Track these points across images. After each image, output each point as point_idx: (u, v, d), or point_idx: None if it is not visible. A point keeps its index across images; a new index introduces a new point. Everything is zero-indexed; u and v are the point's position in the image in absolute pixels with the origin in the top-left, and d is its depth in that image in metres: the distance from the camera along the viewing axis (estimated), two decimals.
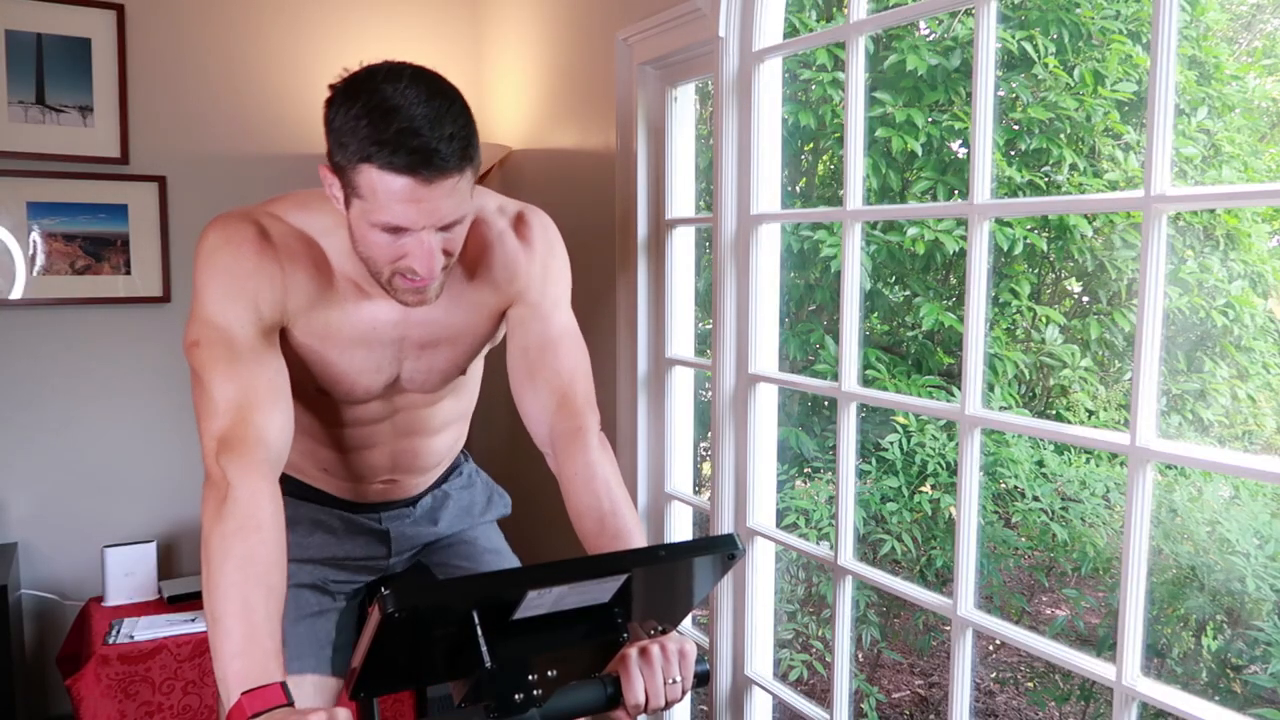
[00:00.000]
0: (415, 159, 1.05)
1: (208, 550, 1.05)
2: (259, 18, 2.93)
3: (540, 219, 1.38)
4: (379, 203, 1.09)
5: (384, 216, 1.09)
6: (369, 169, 1.07)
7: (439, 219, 1.11)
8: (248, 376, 1.16)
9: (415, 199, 1.08)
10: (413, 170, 1.06)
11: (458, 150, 1.08)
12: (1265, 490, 3.28)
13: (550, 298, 1.36)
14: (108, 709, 2.31)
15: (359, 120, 1.07)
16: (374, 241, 1.13)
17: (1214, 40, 3.85)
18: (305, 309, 1.25)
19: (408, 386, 1.38)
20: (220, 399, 1.14)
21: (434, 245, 1.13)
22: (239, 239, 1.20)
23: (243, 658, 0.97)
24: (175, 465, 2.87)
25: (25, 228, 2.67)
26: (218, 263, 1.20)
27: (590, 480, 1.25)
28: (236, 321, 1.18)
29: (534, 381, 1.33)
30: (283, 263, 1.22)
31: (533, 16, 2.91)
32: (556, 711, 1.00)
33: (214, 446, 1.11)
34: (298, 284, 1.24)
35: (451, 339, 1.35)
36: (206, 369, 1.16)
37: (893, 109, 3.44)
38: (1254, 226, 3.63)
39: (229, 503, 1.06)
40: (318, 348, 1.28)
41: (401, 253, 1.13)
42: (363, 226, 1.13)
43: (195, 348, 1.17)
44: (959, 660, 1.63)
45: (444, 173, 1.08)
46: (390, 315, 1.30)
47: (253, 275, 1.20)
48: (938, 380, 3.55)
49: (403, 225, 1.10)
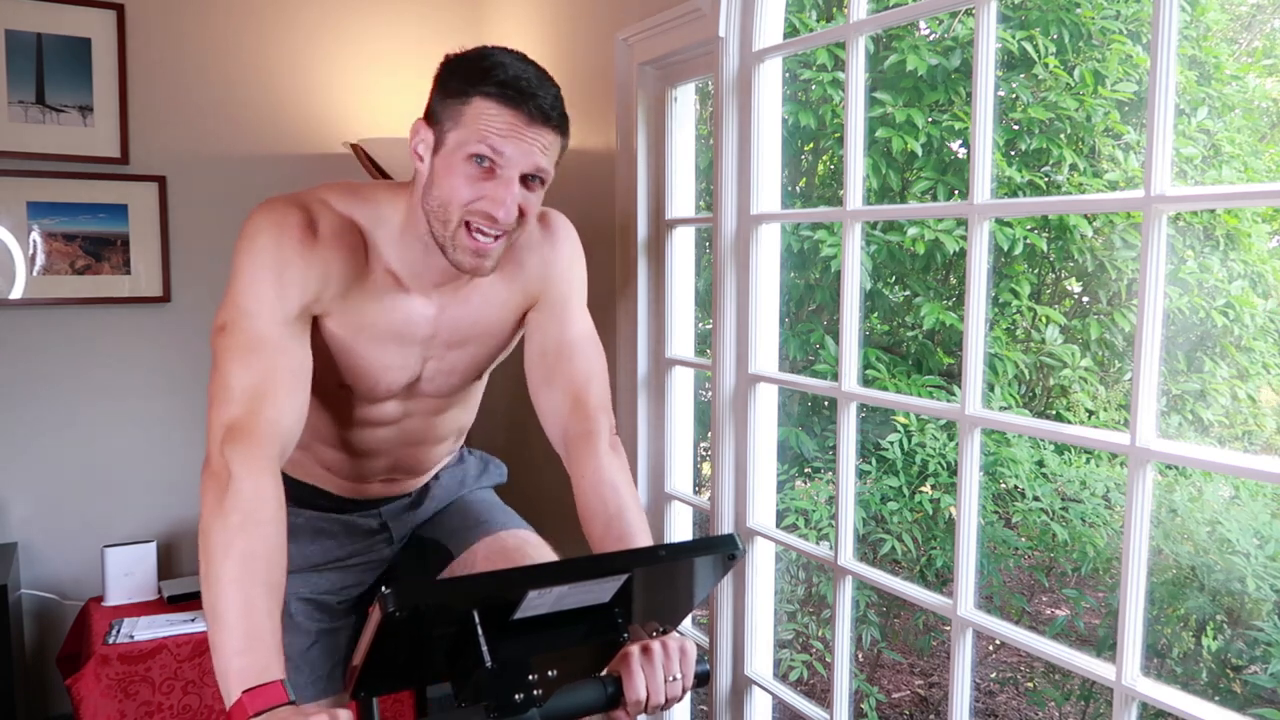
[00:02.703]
0: (525, 96, 1.15)
1: (207, 542, 1.04)
2: (259, 18, 2.93)
3: (563, 222, 1.41)
4: (481, 128, 1.15)
5: (484, 142, 1.15)
6: (479, 100, 1.15)
7: (531, 161, 1.17)
8: (268, 365, 1.15)
9: (517, 133, 1.15)
10: (521, 103, 1.15)
11: (558, 112, 1.19)
12: (1265, 490, 3.27)
13: (571, 302, 1.39)
14: (108, 709, 2.31)
15: (474, 67, 1.16)
16: (458, 179, 1.17)
17: (1214, 40, 3.85)
18: (342, 298, 1.24)
19: (426, 389, 1.38)
20: (235, 385, 1.13)
21: (515, 194, 1.17)
22: (284, 224, 1.20)
23: (244, 655, 0.96)
24: (175, 465, 2.87)
25: (25, 228, 2.67)
26: (258, 246, 1.19)
27: (598, 484, 1.27)
28: (267, 308, 1.17)
29: (550, 384, 1.35)
30: (325, 251, 1.21)
31: (533, 16, 2.91)
32: (556, 711, 1.00)
33: (220, 434, 1.10)
34: (338, 273, 1.23)
35: (478, 337, 1.36)
36: (227, 354, 1.15)
37: (893, 109, 3.44)
38: (1254, 226, 3.63)
39: (231, 495, 1.05)
40: (349, 340, 1.28)
41: (481, 194, 1.17)
42: (453, 161, 1.17)
43: (220, 333, 1.16)
44: (959, 660, 1.63)
45: (546, 120, 1.17)
46: (425, 311, 1.30)
47: (292, 262, 1.19)
48: (938, 380, 3.55)
49: (499, 152, 1.15)
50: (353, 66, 3.04)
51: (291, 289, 1.18)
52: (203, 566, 1.03)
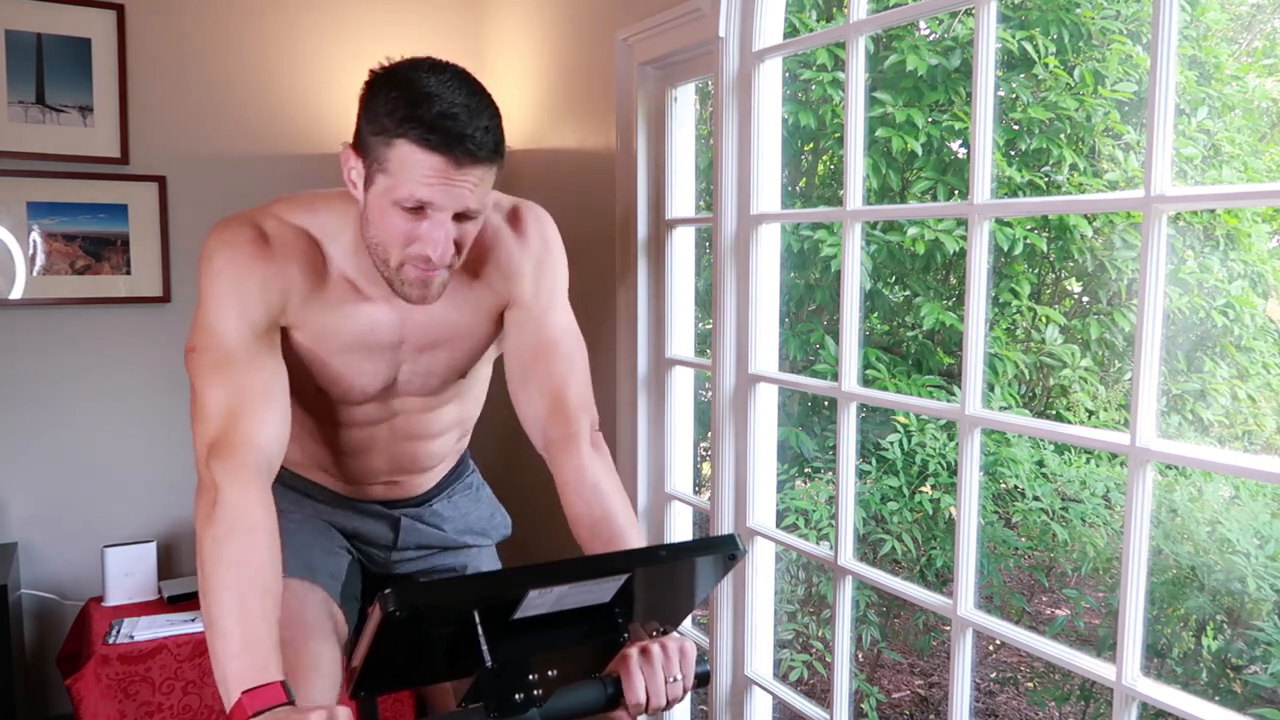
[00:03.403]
0: (451, 140, 1.09)
1: (201, 554, 1.06)
2: (259, 18, 2.93)
3: (534, 213, 1.37)
4: (407, 177, 1.11)
5: (410, 191, 1.11)
6: (404, 144, 1.10)
7: (461, 204, 1.13)
8: (239, 381, 1.17)
9: (445, 179, 1.11)
10: (448, 149, 1.09)
11: (490, 143, 1.12)
12: (1265, 490, 3.27)
13: (545, 298, 1.35)
14: (108, 709, 2.31)
15: (400, 100, 1.10)
16: (390, 223, 1.15)
17: (1214, 40, 3.85)
18: (301, 309, 1.25)
19: (405, 390, 1.38)
20: (210, 404, 1.15)
21: (449, 232, 1.15)
22: (235, 241, 1.21)
23: (241, 657, 0.97)
24: (175, 465, 2.87)
25: (25, 228, 2.67)
26: (215, 267, 1.21)
27: (580, 486, 1.25)
28: (231, 325, 1.19)
29: (528, 386, 1.33)
30: (280, 263, 1.22)
31: (533, 16, 2.91)
32: (556, 711, 1.00)
33: (204, 453, 1.13)
34: (294, 284, 1.24)
35: (450, 341, 1.35)
36: (199, 375, 1.17)
37: (893, 109, 3.44)
38: (1254, 226, 3.63)
39: (219, 506, 1.07)
40: (315, 348, 1.29)
41: (415, 236, 1.15)
42: (382, 205, 1.14)
43: (191, 354, 1.19)
44: (959, 660, 1.63)
45: (475, 160, 1.11)
46: (389, 317, 1.30)
47: (248, 277, 1.20)
48: (938, 380, 3.55)
49: (427, 202, 1.12)
50: (353, 66, 3.04)
51: (252, 302, 1.20)
52: (199, 578, 1.05)
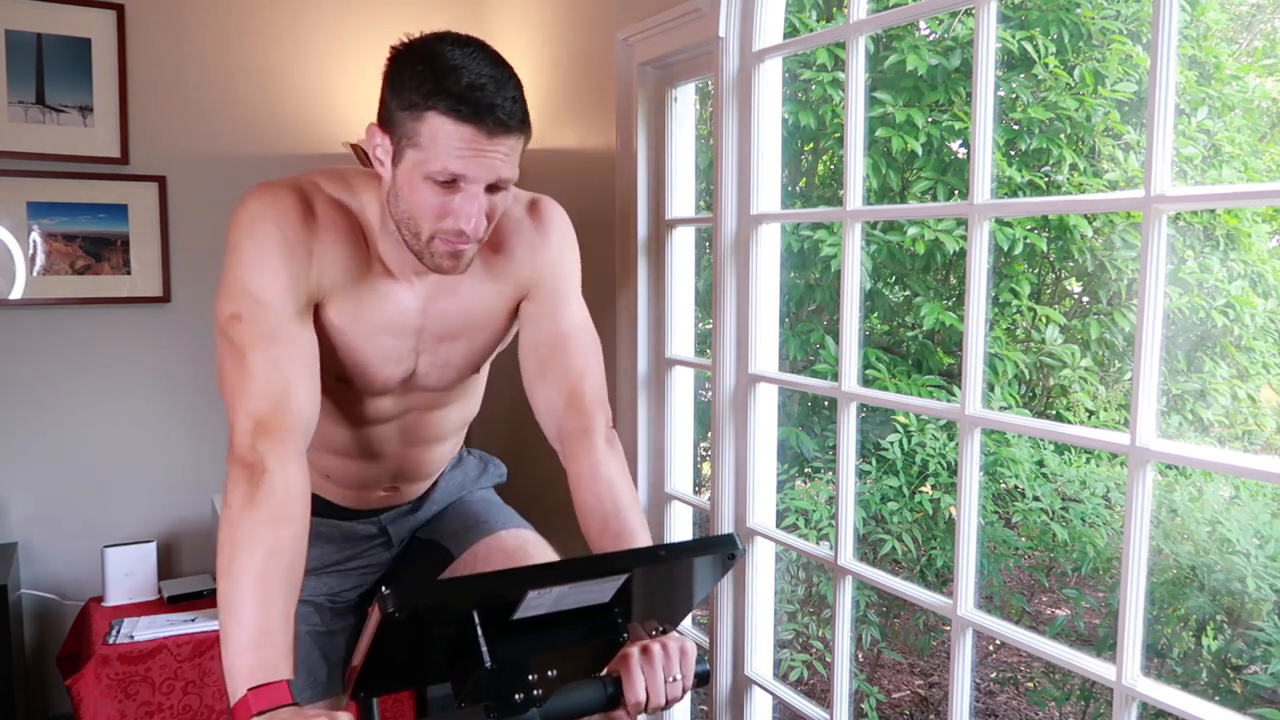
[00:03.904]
0: (482, 110, 1.08)
1: (233, 534, 1.02)
2: (259, 18, 2.93)
3: (554, 208, 1.37)
4: (439, 150, 1.10)
5: (444, 164, 1.10)
6: (434, 116, 1.09)
7: (494, 175, 1.12)
8: (288, 355, 1.13)
9: (477, 150, 1.10)
10: (478, 119, 1.08)
11: (519, 112, 1.12)
12: (1265, 490, 3.27)
13: (564, 292, 1.35)
14: (108, 709, 2.31)
15: (426, 74, 1.09)
16: (421, 197, 1.13)
17: (1214, 40, 3.85)
18: (341, 286, 1.22)
19: (423, 383, 1.36)
20: (261, 377, 1.11)
21: (482, 204, 1.13)
22: (283, 207, 1.17)
23: (254, 653, 0.96)
24: (175, 465, 2.87)
25: (25, 228, 2.67)
26: (259, 231, 1.16)
27: (594, 481, 1.25)
28: (279, 295, 1.15)
29: (544, 379, 1.32)
30: (325, 236, 1.20)
31: (533, 16, 2.91)
32: (556, 711, 1.00)
33: (250, 427, 1.08)
34: (338, 259, 1.21)
35: (469, 331, 1.34)
36: (248, 344, 1.12)
37: (893, 109, 3.44)
38: (1254, 226, 3.63)
39: (264, 490, 1.04)
40: (346, 329, 1.25)
41: (448, 210, 1.13)
42: (413, 180, 1.13)
43: (236, 321, 1.13)
44: (959, 660, 1.63)
45: (506, 129, 1.10)
46: (413, 303, 1.28)
47: (295, 246, 1.17)
48: (938, 380, 3.55)
49: (460, 174, 1.10)
50: (353, 66, 3.04)
51: (299, 276, 1.17)
52: (223, 557, 1.01)
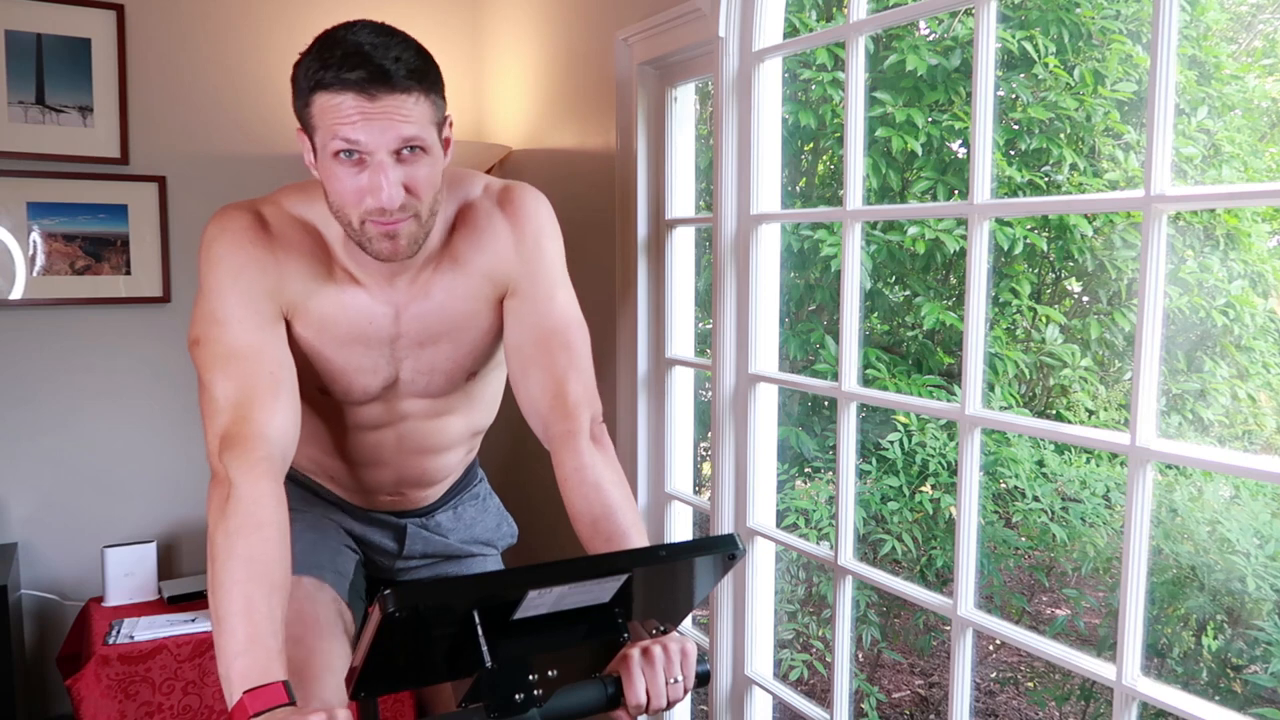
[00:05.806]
0: (360, 74, 1.07)
1: (213, 548, 1.05)
2: (259, 18, 2.93)
3: (527, 195, 1.32)
4: (329, 124, 1.10)
5: (334, 135, 1.09)
6: (320, 96, 1.10)
7: (390, 139, 1.10)
8: (247, 372, 1.15)
9: (364, 114, 1.08)
10: (359, 87, 1.08)
11: (404, 70, 1.09)
12: (1265, 490, 3.27)
13: (545, 285, 1.31)
14: (108, 709, 2.31)
15: (311, 62, 1.10)
16: (339, 183, 1.13)
17: (1214, 40, 3.85)
18: (303, 299, 1.24)
19: (409, 390, 1.35)
20: (220, 396, 1.14)
21: (391, 175, 1.11)
22: (234, 228, 1.20)
23: (245, 656, 0.97)
24: (175, 465, 2.87)
25: (25, 228, 2.67)
26: (215, 255, 1.19)
27: (581, 485, 1.23)
28: (234, 315, 1.17)
29: (527, 379, 1.30)
30: (279, 251, 1.21)
31: (533, 16, 2.91)
32: (557, 711, 1.00)
33: (216, 445, 1.12)
34: (295, 272, 1.22)
35: (451, 333, 1.32)
36: (206, 367, 1.16)
37: (893, 109, 3.44)
38: (1254, 226, 3.63)
39: (232, 501, 1.07)
40: (315, 341, 1.27)
41: (364, 189, 1.12)
42: (327, 168, 1.13)
43: (195, 345, 1.18)
44: (959, 660, 1.63)
45: (390, 87, 1.08)
46: (385, 311, 1.28)
47: (249, 265, 1.19)
48: (938, 380, 3.55)
49: (353, 142, 1.09)
50: None
51: (255, 291, 1.19)
52: (209, 572, 1.05)
